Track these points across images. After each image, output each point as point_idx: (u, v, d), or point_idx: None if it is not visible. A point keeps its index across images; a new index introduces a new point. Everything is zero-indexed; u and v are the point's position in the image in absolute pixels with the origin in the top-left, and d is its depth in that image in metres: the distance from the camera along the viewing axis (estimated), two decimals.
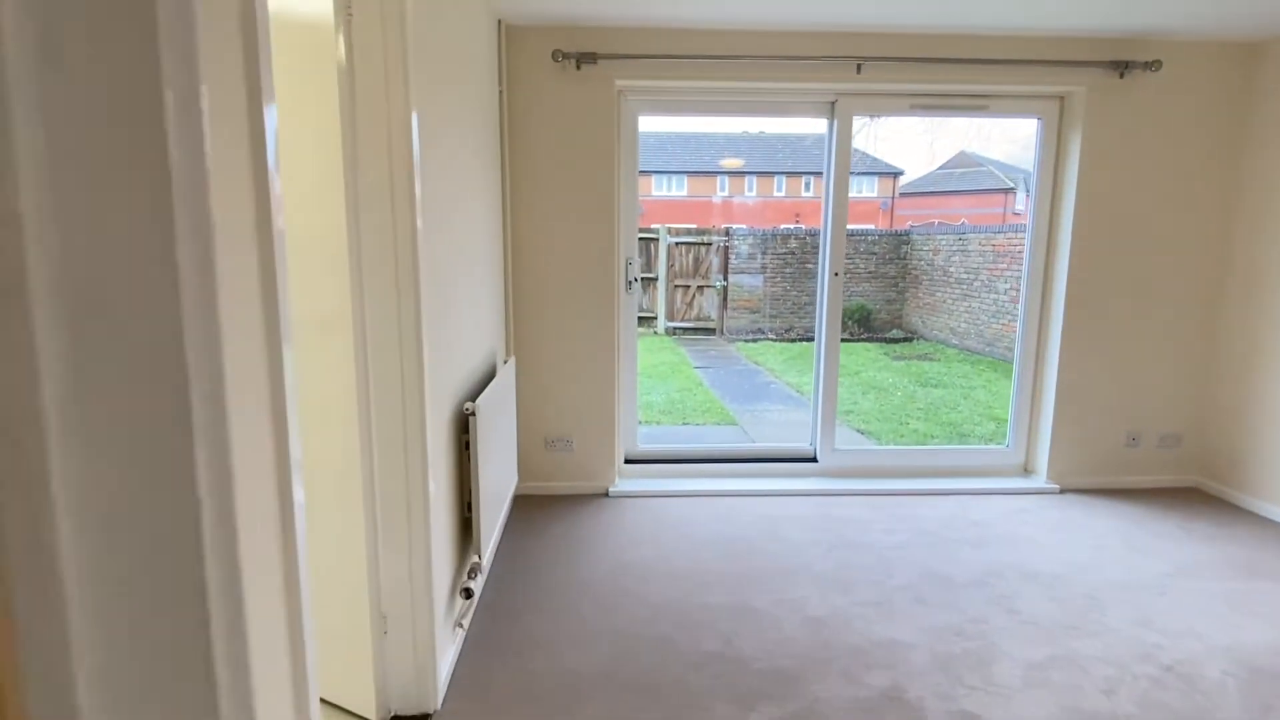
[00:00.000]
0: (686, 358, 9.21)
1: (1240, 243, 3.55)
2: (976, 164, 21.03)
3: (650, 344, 10.21)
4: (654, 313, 11.40)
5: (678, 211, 18.18)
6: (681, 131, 19.74)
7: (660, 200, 18.66)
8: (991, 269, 9.00)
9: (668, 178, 19.09)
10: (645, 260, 11.35)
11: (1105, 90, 3.44)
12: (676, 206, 18.48)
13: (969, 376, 7.80)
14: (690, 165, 19.21)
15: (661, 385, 7.26)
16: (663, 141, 19.37)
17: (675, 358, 9.17)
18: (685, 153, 19.40)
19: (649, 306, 11.44)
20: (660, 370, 8.16)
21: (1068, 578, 2.76)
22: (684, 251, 11.43)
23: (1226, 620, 2.43)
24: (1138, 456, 3.78)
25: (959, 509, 3.47)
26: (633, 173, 3.57)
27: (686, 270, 11.43)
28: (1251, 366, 3.49)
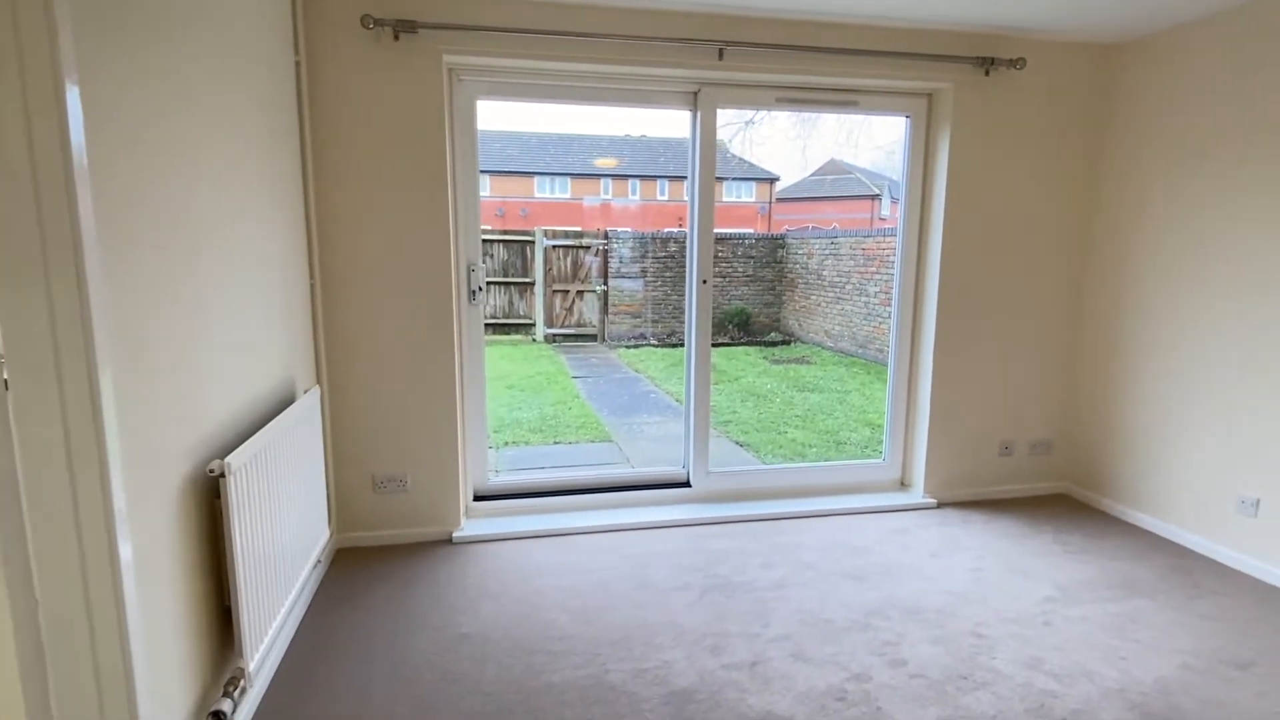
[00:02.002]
0: (565, 367, 8.76)
1: (1099, 248, 3.53)
2: (845, 171, 21.94)
3: (527, 353, 9.68)
4: (531, 319, 10.87)
5: (561, 214, 17.72)
6: (564, 133, 19.30)
7: (544, 202, 18.13)
8: (862, 272, 9.15)
9: (550, 179, 18.59)
10: (521, 265, 10.81)
11: (972, 88, 3.31)
12: (560, 209, 18.02)
13: (844, 380, 7.82)
14: (574, 168, 18.82)
15: (535, 399, 6.76)
16: (545, 142, 18.85)
17: (553, 367, 8.69)
18: (568, 155, 18.99)
19: (526, 313, 10.90)
20: (536, 382, 7.66)
21: (952, 611, 2.53)
22: (562, 255, 10.98)
23: (1114, 653, 2.26)
24: (1010, 465, 3.70)
25: (839, 533, 3.23)
26: (471, 166, 3.08)
27: (565, 275, 10.98)
28: (1113, 372, 3.47)
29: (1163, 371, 3.21)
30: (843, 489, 3.70)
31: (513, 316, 10.74)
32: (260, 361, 2.19)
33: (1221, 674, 2.16)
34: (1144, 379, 3.30)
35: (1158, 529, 3.22)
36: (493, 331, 10.59)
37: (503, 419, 5.92)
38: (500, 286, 10.62)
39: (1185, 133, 3.07)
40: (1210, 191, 2.98)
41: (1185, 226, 3.09)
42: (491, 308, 10.66)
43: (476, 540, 3.10)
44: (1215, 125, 2.95)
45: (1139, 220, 3.30)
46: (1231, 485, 2.91)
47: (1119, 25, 3.11)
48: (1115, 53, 3.39)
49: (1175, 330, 3.14)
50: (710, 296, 3.44)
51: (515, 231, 11.05)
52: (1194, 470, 3.07)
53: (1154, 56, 3.20)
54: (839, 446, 5.31)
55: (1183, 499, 3.12)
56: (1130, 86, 3.33)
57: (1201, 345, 3.03)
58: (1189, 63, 3.04)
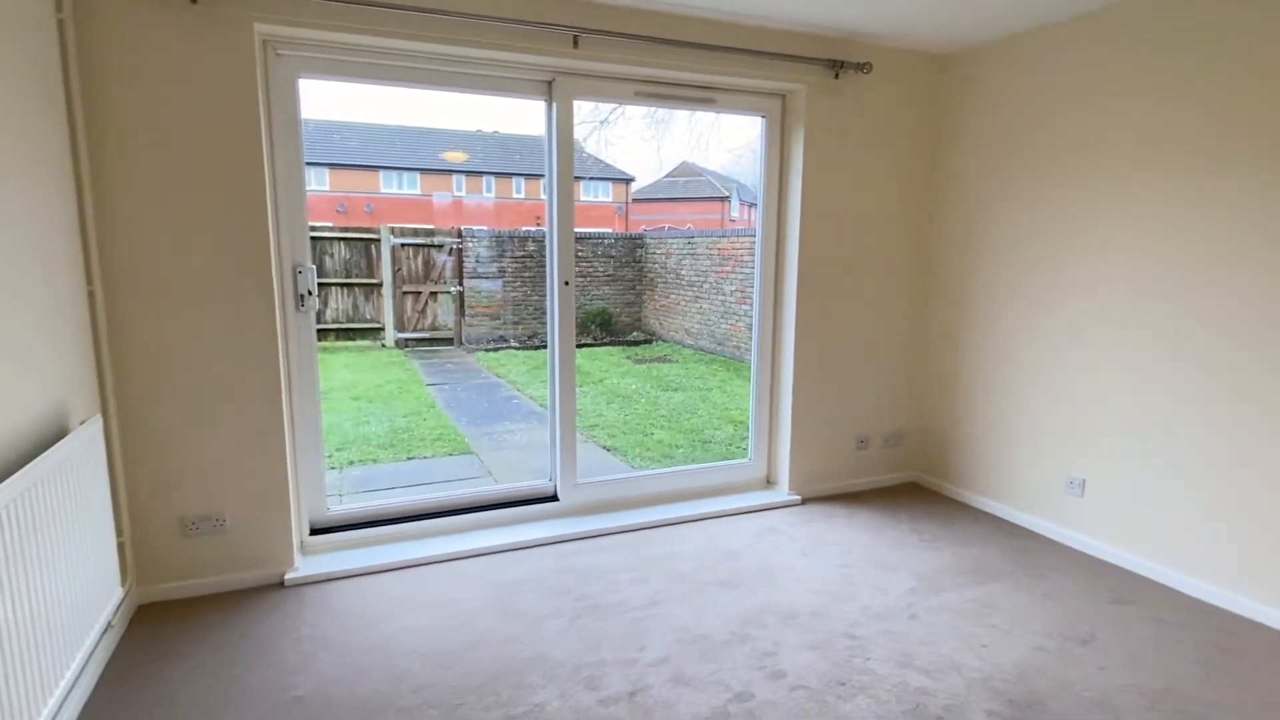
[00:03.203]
0: (419, 374, 8.23)
1: (939, 252, 3.72)
2: (697, 173, 22.56)
3: (376, 360, 9.00)
4: (380, 323, 10.15)
5: (411, 211, 16.78)
6: (413, 126, 18.29)
7: (391, 198, 17.10)
8: (718, 271, 9.35)
9: (398, 174, 17.56)
10: (367, 265, 10.05)
11: (823, 90, 3.36)
12: (409, 205, 17.06)
13: (705, 377, 7.93)
14: (424, 162, 17.90)
15: (385, 411, 6.25)
16: (392, 135, 17.78)
17: (405, 375, 8.13)
18: (418, 148, 18.02)
19: (374, 316, 10.16)
20: (386, 391, 7.11)
21: (825, 613, 2.52)
22: (412, 254, 10.34)
23: (976, 642, 2.34)
24: (866, 458, 3.83)
25: (711, 538, 3.16)
26: (294, 155, 2.69)
27: (417, 275, 10.35)
28: (955, 368, 3.67)
29: (998, 367, 3.42)
30: (712, 491, 3.66)
31: (358, 320, 9.97)
32: (12, 393, 1.74)
33: (1068, 652, 2.28)
34: (982, 374, 3.51)
35: (1000, 512, 3.44)
36: (335, 337, 9.78)
37: (347, 435, 5.40)
38: (343, 288, 9.82)
39: (1008, 142, 3.29)
40: (1034, 199, 3.20)
41: (1012, 233, 3.31)
42: (334, 311, 9.84)
43: (314, 580, 2.72)
44: (1034, 136, 3.17)
45: (972, 226, 3.51)
46: (1060, 468, 3.15)
47: (951, 34, 3.27)
48: (951, 61, 3.58)
49: (1008, 328, 3.36)
50: (573, 298, 3.26)
51: (359, 229, 10.28)
52: (1028, 455, 3.30)
53: (983, 67, 3.40)
54: (705, 445, 5.32)
55: (1019, 482, 3.35)
56: (957, 94, 3.53)
57: (1031, 342, 3.25)
58: (1014, 74, 3.26)
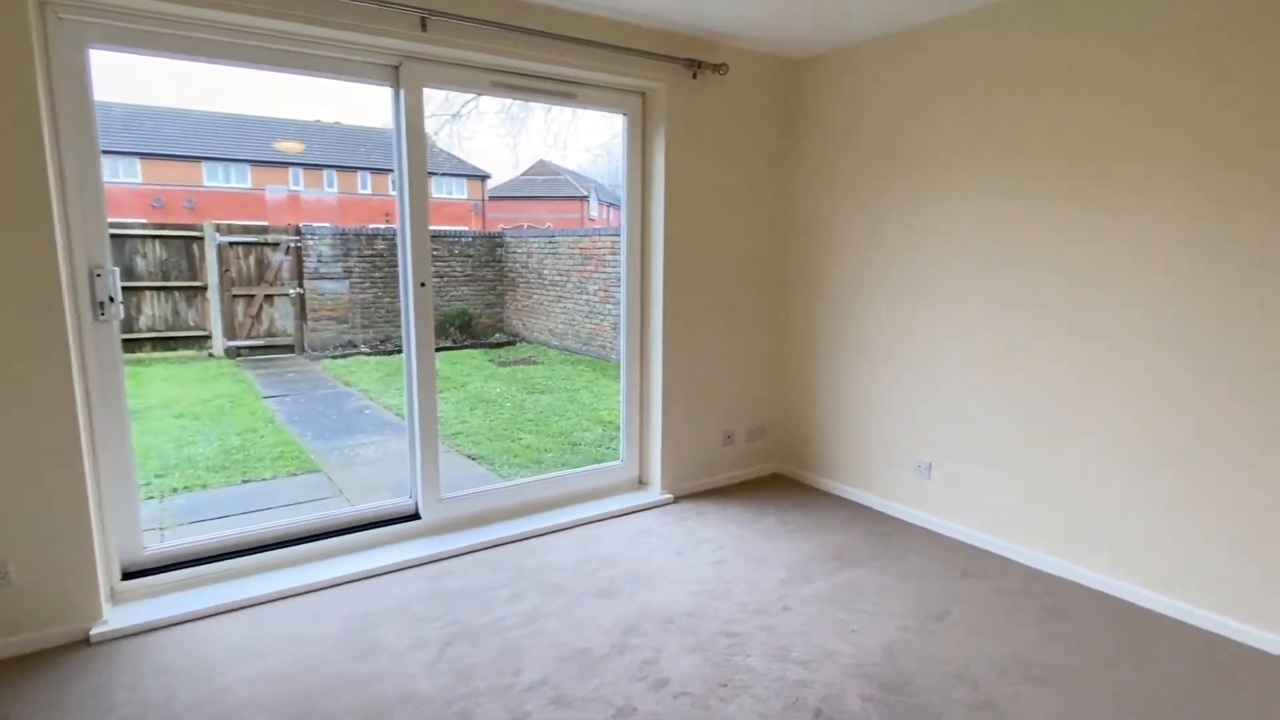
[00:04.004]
0: (254, 385, 7.49)
1: (796, 253, 3.86)
2: (554, 172, 22.37)
3: (202, 371, 8.10)
4: (206, 330, 9.13)
5: (240, 206, 15.26)
6: (242, 114, 16.62)
7: (217, 192, 15.45)
8: (581, 271, 9.28)
9: (225, 167, 15.90)
10: (188, 265, 9.00)
11: (682, 89, 3.36)
12: (238, 200, 15.51)
13: (571, 378, 7.83)
14: (256, 154, 16.32)
15: (215, 429, 5.61)
16: (217, 123, 16.05)
17: (238, 387, 7.37)
18: (248, 139, 16.40)
19: (199, 323, 9.12)
20: (215, 407, 6.38)
21: (702, 613, 2.51)
22: (243, 253, 9.40)
23: (846, 628, 2.42)
24: (733, 453, 3.90)
25: (586, 544, 3.07)
26: (87, 141, 2.29)
27: (248, 276, 9.42)
28: (813, 363, 3.83)
29: (852, 361, 3.60)
30: (585, 495, 3.57)
31: (180, 328, 8.91)
32: None
33: (928, 629, 2.42)
34: (838, 368, 3.69)
35: (858, 498, 3.63)
36: (153, 347, 8.69)
37: (169, 459, 4.77)
38: (160, 293, 8.74)
39: (857, 145, 3.47)
40: (882, 202, 3.39)
41: (863, 234, 3.49)
42: (149, 319, 8.74)
43: (130, 633, 2.33)
44: (881, 139, 3.36)
45: (826, 227, 3.67)
46: (910, 453, 3.36)
47: (802, 40, 3.39)
48: (803, 66, 3.71)
49: (861, 324, 3.54)
50: (430, 300, 3.04)
51: (178, 226, 9.19)
52: (881, 443, 3.50)
53: (833, 72, 3.56)
54: (575, 448, 5.22)
55: (874, 469, 3.55)
56: (809, 98, 3.67)
57: (882, 337, 3.45)
58: (862, 79, 3.43)
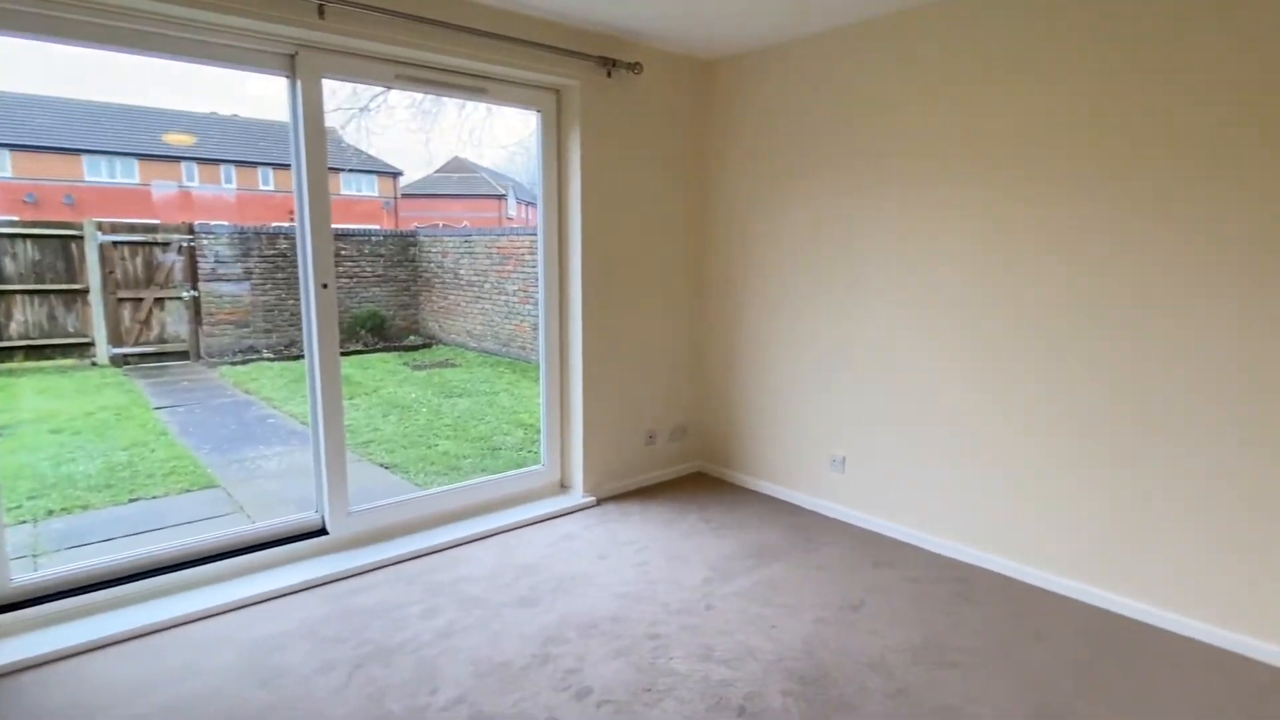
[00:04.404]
0: (144, 396, 6.96)
1: (714, 253, 3.89)
2: (470, 169, 21.88)
3: (84, 382, 7.47)
4: (88, 336, 8.43)
5: (127, 203, 14.16)
6: (128, 104, 15.42)
7: (100, 187, 14.27)
8: (499, 271, 9.11)
9: (109, 160, 14.70)
10: (66, 267, 8.27)
11: (597, 88, 3.33)
12: (124, 196, 14.39)
13: (491, 381, 7.67)
14: (145, 147, 15.15)
15: (98, 444, 5.17)
16: (98, 113, 14.82)
17: (125, 398, 6.84)
18: (136, 131, 15.19)
19: (80, 329, 8.41)
20: (98, 420, 5.90)
21: (626, 616, 2.49)
22: (129, 254, 8.72)
23: (767, 624, 2.45)
24: (655, 452, 3.90)
25: (505, 553, 3.00)
26: None
27: (135, 279, 8.75)
28: (733, 362, 3.87)
29: (771, 359, 3.66)
30: (506, 502, 3.49)
31: (57, 335, 8.19)
32: None
33: (844, 620, 2.48)
34: (756, 365, 3.74)
35: (777, 493, 3.69)
36: (25, 356, 7.94)
37: (45, 478, 4.36)
38: (34, 296, 7.99)
39: (772, 146, 3.52)
40: (795, 202, 3.46)
41: (776, 234, 3.55)
42: (21, 325, 7.98)
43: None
44: (795, 140, 3.42)
45: (742, 227, 3.72)
46: (825, 448, 3.45)
47: (715, 41, 3.42)
48: (717, 67, 3.74)
49: (777, 322, 3.61)
50: (334, 302, 2.90)
51: (54, 224, 8.44)
52: (798, 439, 3.57)
53: (746, 73, 3.60)
54: (495, 453, 5.10)
55: (791, 464, 3.62)
56: (720, 99, 3.71)
57: (798, 335, 3.52)
58: (774, 81, 3.49)
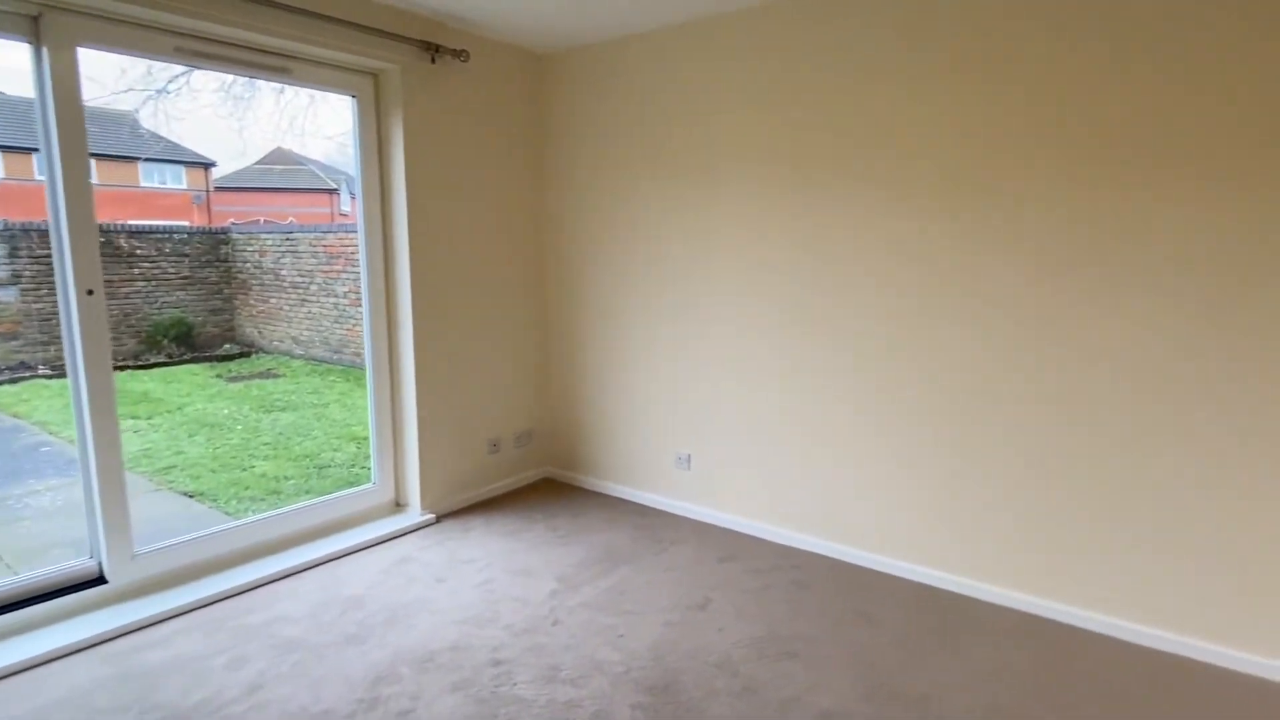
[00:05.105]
0: None
1: (553, 252, 3.77)
2: (296, 161, 20.18)
3: None
4: None
5: None
6: None
7: None
8: (327, 270, 8.41)
9: None
10: None
11: (420, 74, 3.09)
12: None
13: (320, 391, 7.06)
14: None
15: None
16: None
17: None
18: None
19: None
20: None
21: (467, 644, 2.32)
22: None
23: (614, 633, 2.37)
24: (500, 461, 3.72)
25: (331, 585, 2.70)
26: None
27: None
28: (578, 364, 3.77)
29: (616, 359, 3.61)
30: (333, 527, 3.16)
31: None
32: None
33: (691, 621, 2.46)
34: (600, 366, 3.67)
35: (625, 494, 3.65)
36: None
37: None
38: None
39: (611, 143, 3.46)
40: (637, 200, 3.42)
41: (619, 234, 3.50)
42: None
43: None
44: (634, 137, 3.38)
45: (585, 227, 3.63)
46: (671, 446, 3.45)
47: (541, 32, 3.29)
48: (551, 60, 3.62)
49: (622, 322, 3.55)
50: (103, 311, 2.45)
51: None
52: (645, 437, 3.55)
53: (581, 68, 3.51)
54: (322, 472, 4.66)
55: (639, 463, 3.59)
56: (554, 93, 3.60)
57: (641, 335, 3.49)
58: (610, 77, 3.42)
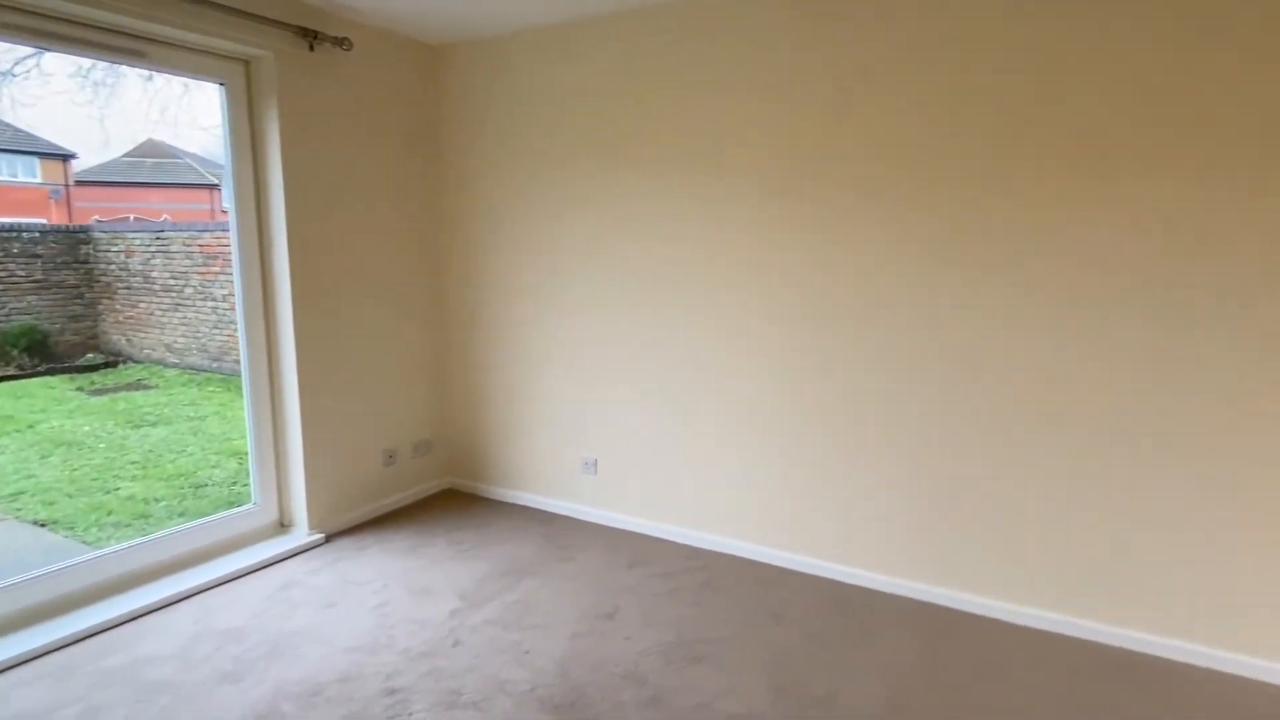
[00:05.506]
0: None
1: (451, 247, 3.62)
2: (171, 154, 18.68)
3: None
4: None
5: None
6: None
7: None
8: (204, 272, 7.80)
9: None
10: None
11: (297, 62, 2.88)
12: None
13: (197, 403, 6.53)
14: None
15: None
16: None
17: None
18: None
19: None
20: None
21: (359, 674, 2.17)
22: None
23: (519, 650, 2.28)
24: (397, 473, 3.54)
25: (205, 617, 2.47)
26: None
27: None
28: (479, 369, 3.64)
29: (519, 363, 3.50)
30: (209, 552, 2.90)
31: None
32: None
33: (599, 631, 2.41)
34: (503, 371, 3.55)
35: (531, 502, 3.55)
36: None
37: None
38: None
39: (509, 141, 3.35)
40: (533, 201, 3.32)
41: (519, 234, 3.39)
42: None
43: None
44: (533, 135, 3.28)
45: (484, 227, 3.49)
46: (577, 451, 3.38)
47: (429, 21, 3.14)
48: (442, 53, 3.46)
49: (525, 326, 3.45)
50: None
51: None
52: (550, 443, 3.46)
53: (475, 62, 3.38)
54: (199, 492, 4.29)
55: (544, 470, 3.50)
56: (448, 86, 3.46)
57: (546, 338, 3.39)
58: (507, 73, 3.31)
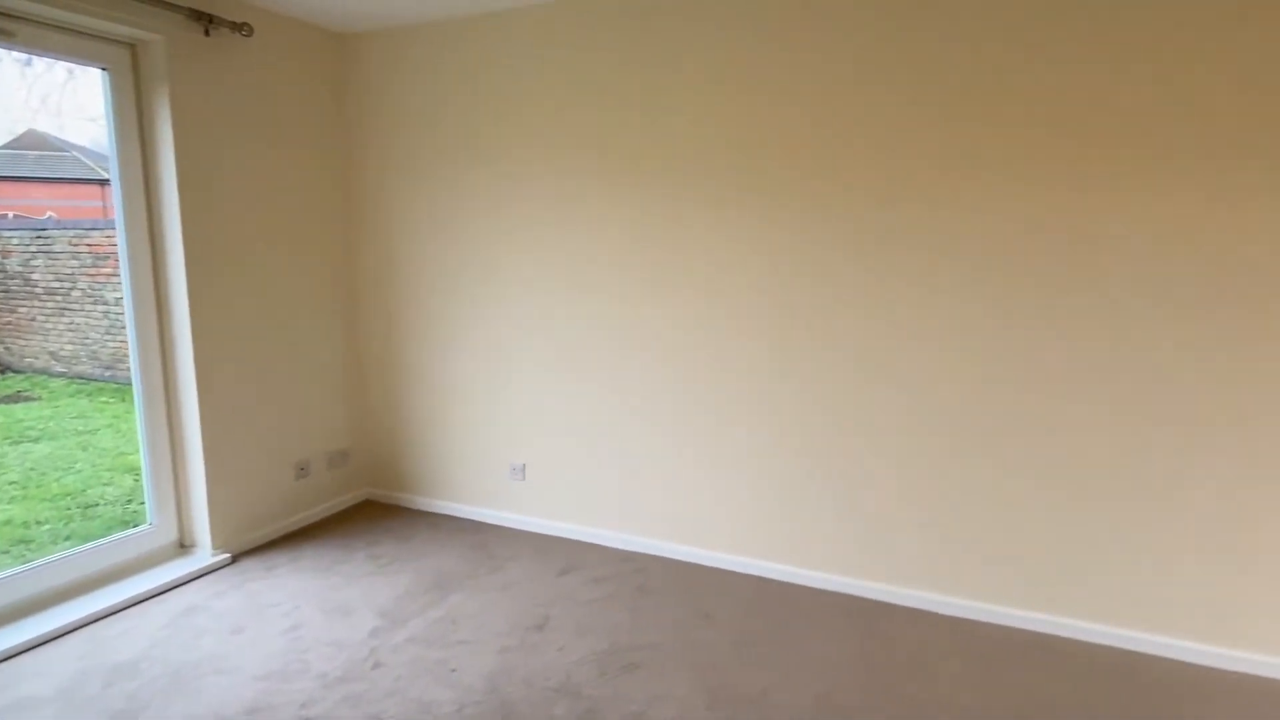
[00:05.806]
0: None
1: (364, 249, 3.44)
2: (56, 147, 17.26)
3: None
4: None
5: None
6: None
7: None
8: (93, 273, 7.21)
9: None
10: None
11: (192, 48, 2.67)
12: None
13: (87, 415, 6.02)
14: None
15: None
16: None
17: None
18: None
19: None
20: None
21: (268, 704, 2.02)
22: None
23: (445, 669, 2.18)
24: (310, 486, 3.34)
25: (95, 650, 2.25)
26: None
27: None
28: (399, 374, 3.48)
29: (441, 367, 3.36)
30: (100, 579, 2.66)
31: None
32: None
33: (529, 644, 2.32)
34: (426, 375, 3.41)
35: (456, 511, 3.42)
36: None
37: None
38: None
39: (423, 138, 3.21)
40: (455, 197, 3.20)
41: (439, 232, 3.26)
42: None
43: None
44: (447, 131, 3.16)
45: (401, 224, 3.34)
46: (504, 456, 3.27)
47: (335, 8, 2.98)
48: (351, 42, 3.29)
49: (446, 328, 3.31)
50: None
51: None
52: (476, 449, 3.34)
53: (388, 52, 3.23)
54: (88, 512, 3.93)
55: (470, 477, 3.38)
56: (358, 77, 3.29)
57: (469, 340, 3.27)
58: (422, 64, 3.17)
